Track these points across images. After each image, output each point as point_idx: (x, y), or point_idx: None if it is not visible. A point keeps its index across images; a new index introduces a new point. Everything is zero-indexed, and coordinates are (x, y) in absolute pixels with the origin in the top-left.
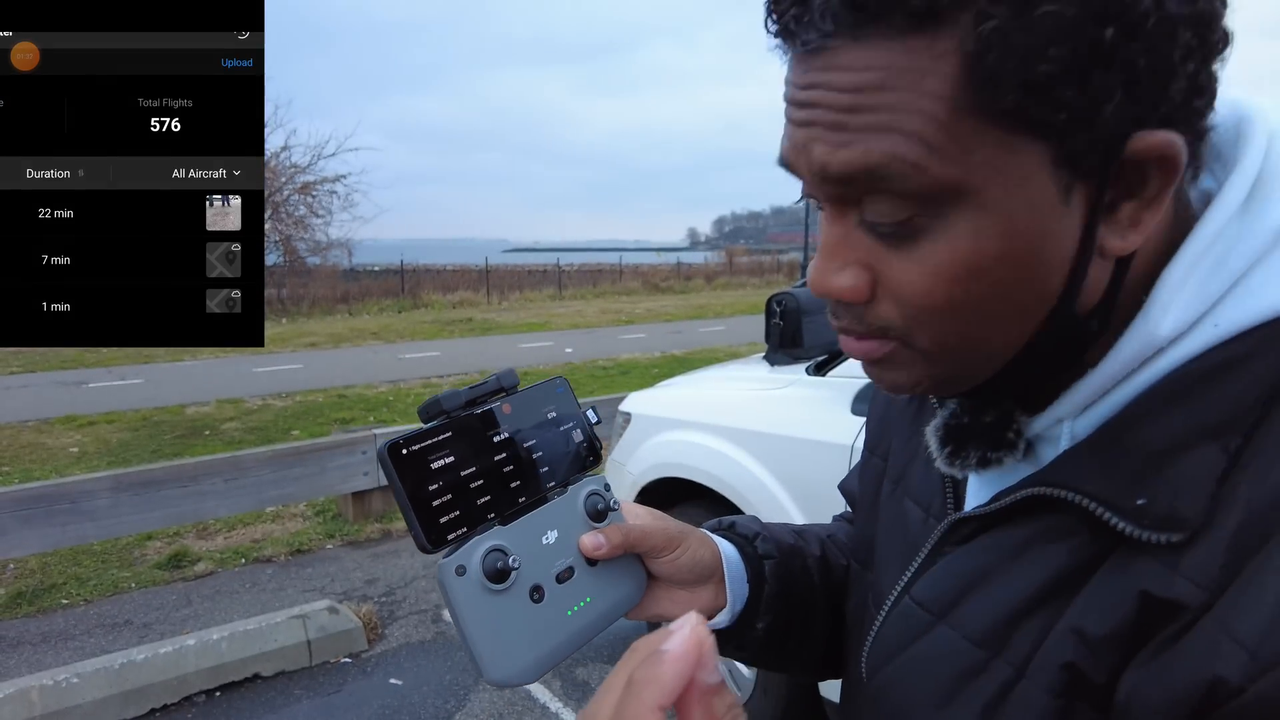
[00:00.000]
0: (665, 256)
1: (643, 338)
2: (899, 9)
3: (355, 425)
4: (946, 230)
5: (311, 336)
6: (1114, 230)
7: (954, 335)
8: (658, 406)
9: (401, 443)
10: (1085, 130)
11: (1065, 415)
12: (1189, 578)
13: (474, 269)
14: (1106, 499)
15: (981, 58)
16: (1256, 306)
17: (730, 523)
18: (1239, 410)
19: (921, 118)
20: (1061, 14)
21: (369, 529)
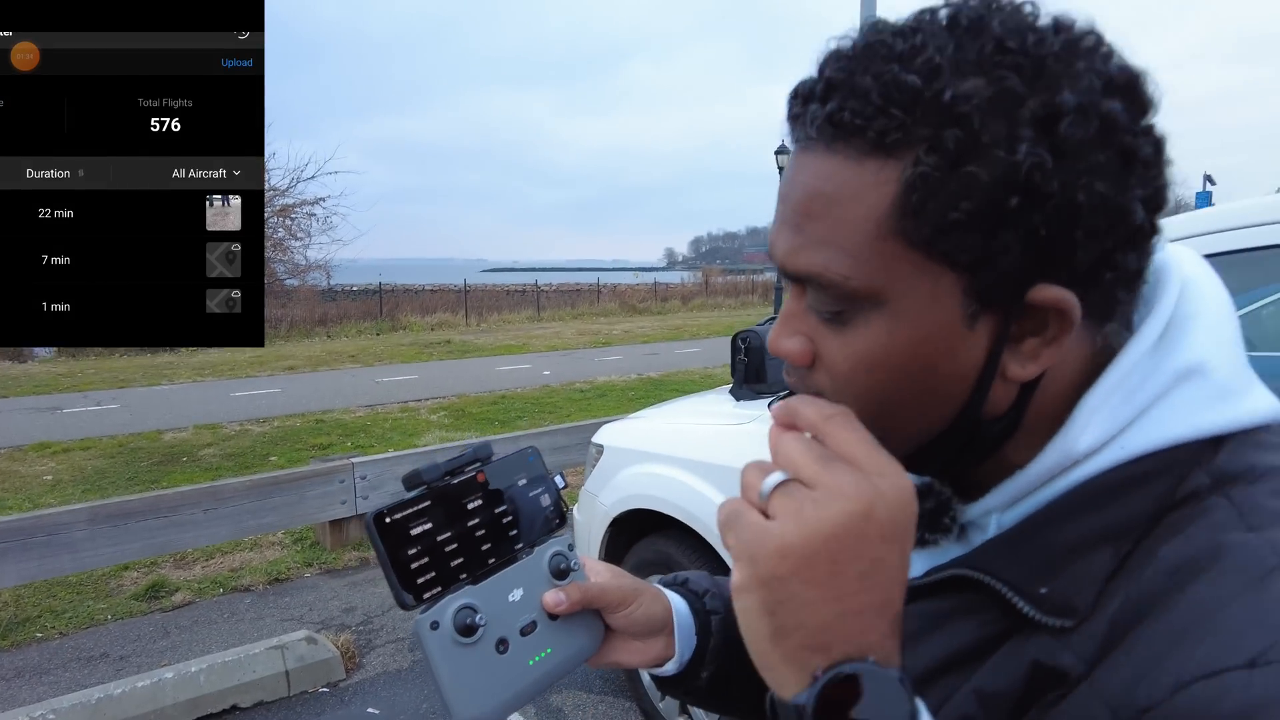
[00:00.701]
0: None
1: (620, 359)
2: (862, 134)
3: (333, 451)
4: (868, 326)
5: (290, 360)
6: (1016, 358)
7: (869, 412)
8: (629, 439)
9: (385, 512)
10: (987, 272)
11: (994, 508)
12: (1074, 652)
13: (452, 289)
14: (1016, 585)
15: (910, 193)
16: (1157, 435)
17: (684, 578)
18: (1133, 522)
19: (855, 232)
20: (977, 176)
21: (346, 557)
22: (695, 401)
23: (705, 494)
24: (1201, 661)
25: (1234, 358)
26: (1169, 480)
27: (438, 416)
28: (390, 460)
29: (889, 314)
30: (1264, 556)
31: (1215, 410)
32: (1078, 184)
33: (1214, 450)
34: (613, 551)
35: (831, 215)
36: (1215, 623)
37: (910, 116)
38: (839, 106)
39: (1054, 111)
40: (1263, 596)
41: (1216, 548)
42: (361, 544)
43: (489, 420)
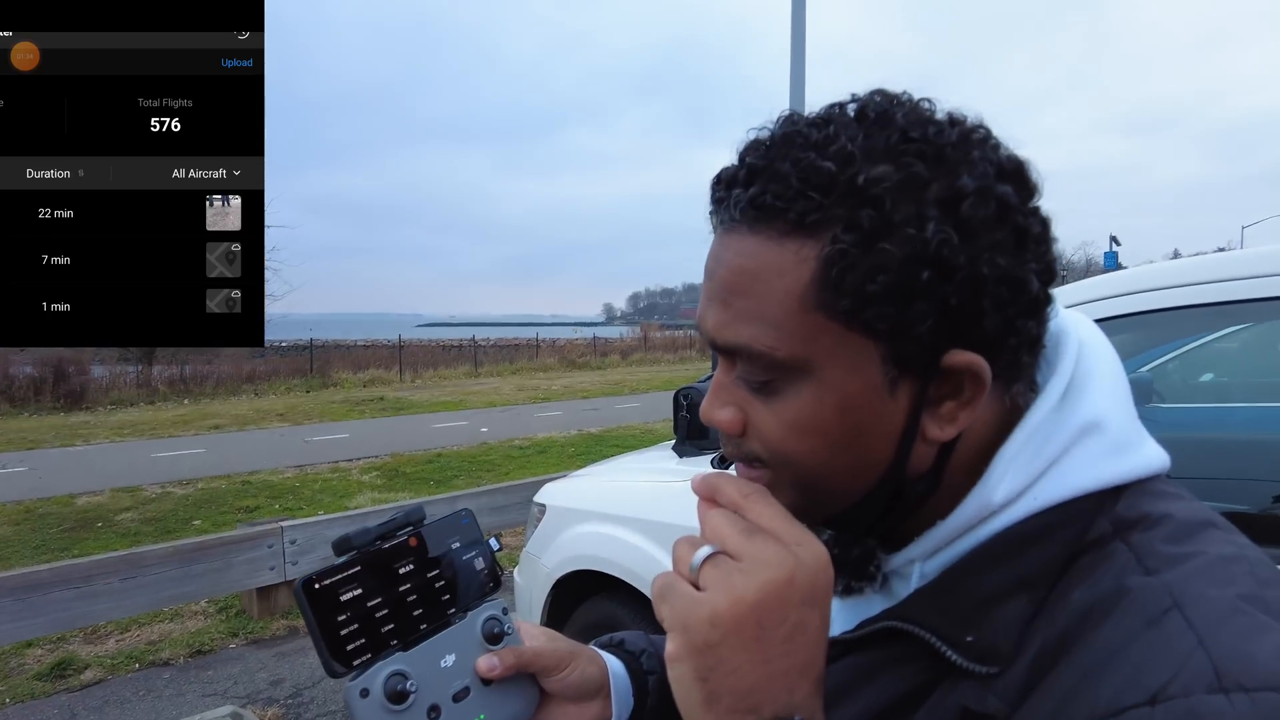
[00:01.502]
0: (582, 331)
1: (559, 415)
2: (783, 215)
3: (260, 514)
4: (795, 395)
5: (215, 418)
6: (935, 420)
7: (802, 475)
8: (572, 498)
9: (314, 579)
10: (904, 340)
11: (917, 557)
12: (998, 696)
13: (387, 345)
14: (944, 635)
15: (830, 268)
16: (1065, 486)
17: (620, 639)
18: (1047, 569)
19: (779, 306)
20: (891, 252)
21: (275, 626)
22: (638, 458)
23: (651, 553)
24: (1108, 701)
25: (1127, 414)
26: (1076, 528)
27: (370, 477)
28: (321, 523)
29: (815, 382)
30: (1160, 598)
31: (1113, 462)
32: (981, 258)
33: (1114, 499)
34: (556, 615)
35: (756, 291)
36: (1118, 663)
37: (827, 198)
38: (761, 190)
39: (956, 194)
40: (1159, 636)
41: (1118, 591)
42: (291, 612)
43: (424, 480)
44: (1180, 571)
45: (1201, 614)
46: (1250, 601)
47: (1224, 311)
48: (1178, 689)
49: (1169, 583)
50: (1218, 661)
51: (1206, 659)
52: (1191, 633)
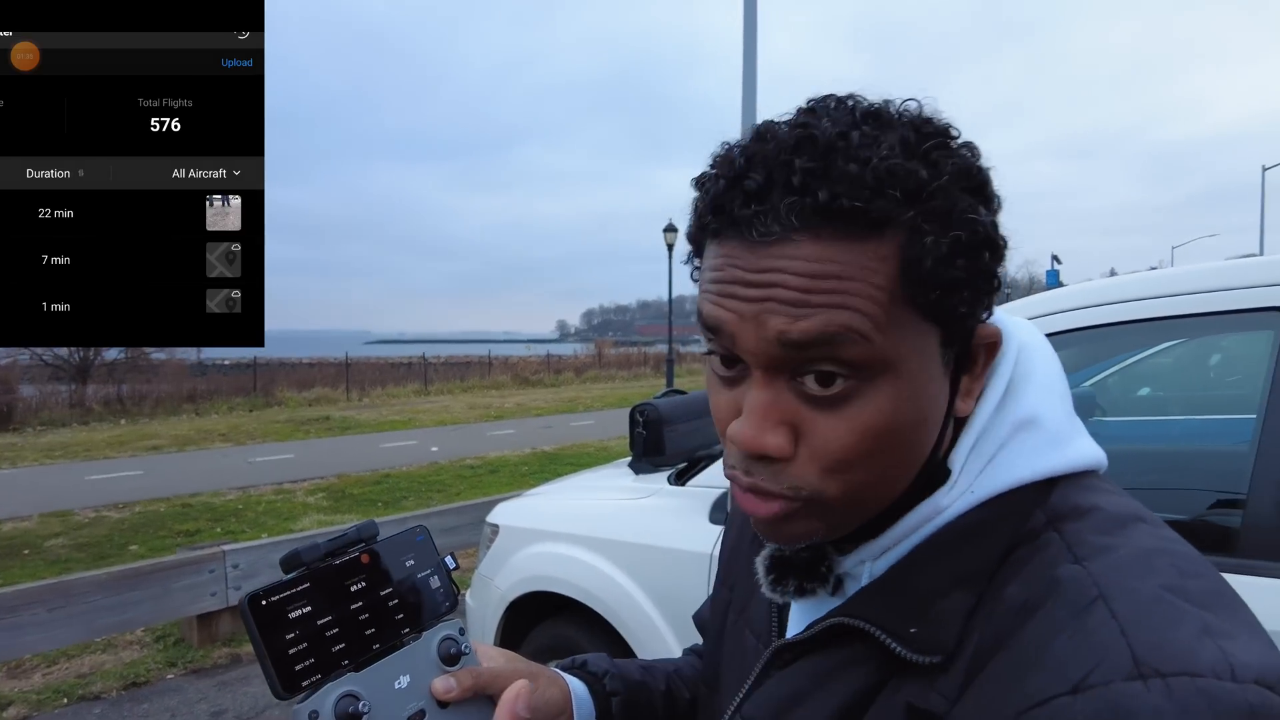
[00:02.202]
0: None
1: (512, 433)
2: (860, 218)
3: (201, 538)
4: (874, 394)
5: (154, 439)
6: (960, 396)
7: (861, 486)
8: (526, 517)
9: (261, 594)
10: (967, 321)
11: (867, 558)
12: (940, 692)
13: (333, 362)
14: (888, 628)
15: (916, 261)
16: (1000, 479)
17: (582, 661)
18: (985, 561)
19: (870, 302)
20: (960, 238)
21: (216, 655)
22: (593, 476)
23: (608, 573)
24: (1035, 692)
25: (1062, 411)
26: (1012, 521)
27: (316, 498)
28: (265, 547)
29: (895, 377)
30: (1086, 590)
31: (1048, 455)
32: (1001, 235)
33: (1048, 492)
34: (510, 638)
35: (841, 290)
36: (1046, 655)
37: (902, 195)
38: (833, 194)
39: (982, 179)
40: (1084, 626)
41: (1050, 583)
42: (234, 639)
43: (372, 501)
44: (1106, 561)
45: (1124, 605)
46: (1172, 591)
47: (1158, 327)
48: (1098, 677)
49: (1095, 573)
50: (1137, 650)
51: (1126, 648)
52: (1114, 623)
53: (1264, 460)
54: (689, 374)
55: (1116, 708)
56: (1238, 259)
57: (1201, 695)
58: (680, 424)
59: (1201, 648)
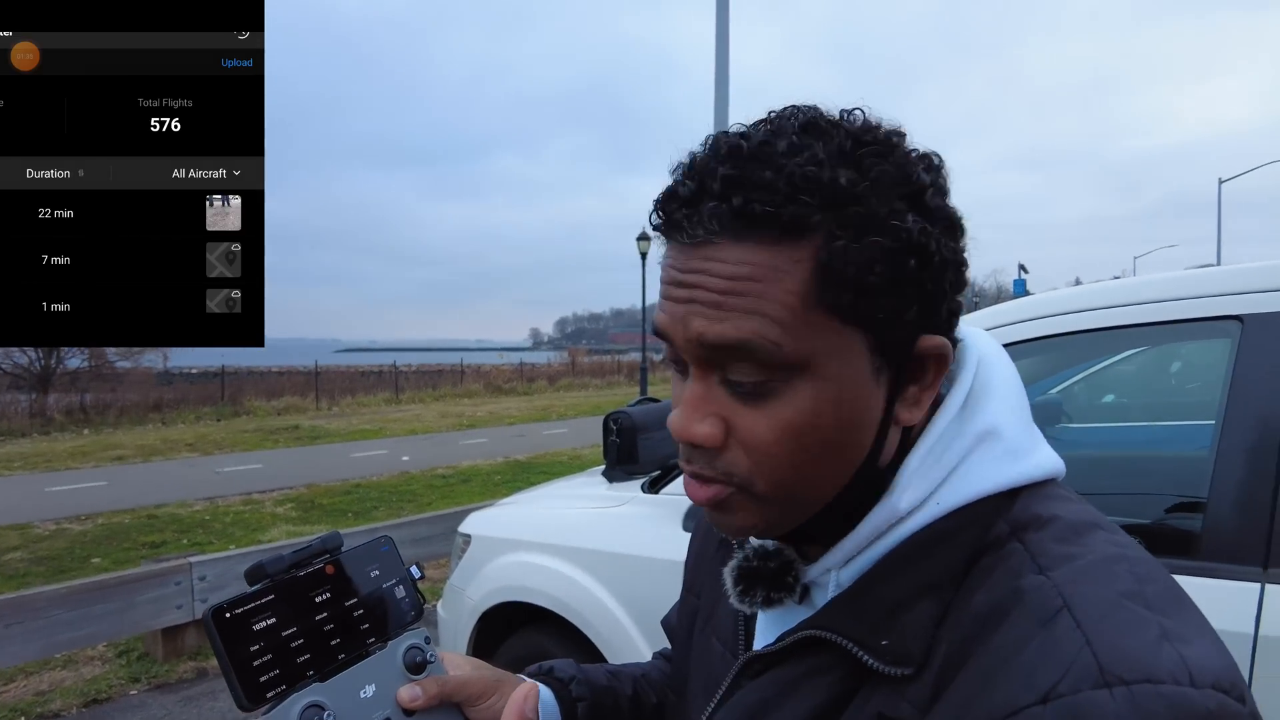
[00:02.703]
0: (508, 357)
1: (484, 442)
2: (773, 223)
3: (167, 550)
4: (793, 394)
5: (118, 449)
6: (904, 405)
7: (789, 480)
8: (498, 527)
9: (225, 607)
10: (893, 328)
11: (832, 565)
12: (910, 702)
13: (302, 371)
14: (860, 640)
15: (829, 266)
16: (964, 491)
17: (549, 667)
18: (950, 572)
19: (781, 306)
20: (882, 244)
21: (181, 669)
22: (567, 485)
23: (581, 582)
24: (1002, 702)
25: (1021, 422)
26: (976, 531)
27: (285, 509)
28: (232, 558)
29: (814, 378)
30: (1051, 599)
31: (1009, 467)
32: (942, 245)
33: (1010, 502)
34: (482, 649)
35: (754, 294)
36: (1014, 665)
37: (817, 201)
38: (746, 200)
39: (918, 188)
40: (1051, 636)
41: (1015, 592)
42: (200, 653)
43: (342, 512)
44: (1068, 571)
45: (1088, 613)
46: (1131, 598)
47: (1121, 335)
48: (1066, 687)
49: (1058, 583)
50: (1101, 658)
51: (1091, 656)
52: (1079, 632)
53: (1223, 465)
54: (663, 382)
55: (1083, 716)
56: (1196, 269)
57: (1162, 701)
58: (654, 432)
59: (1161, 654)
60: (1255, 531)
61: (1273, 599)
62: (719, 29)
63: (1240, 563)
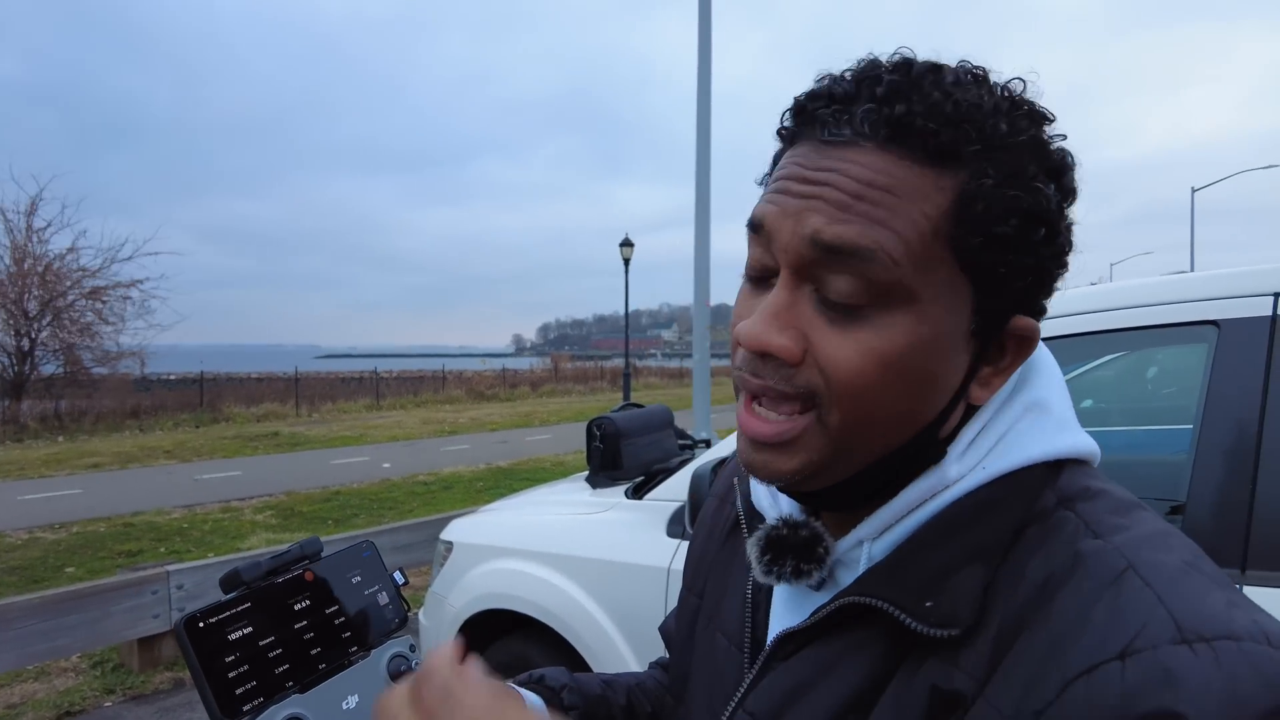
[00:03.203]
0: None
1: (467, 449)
2: (931, 138)
3: (144, 559)
4: (889, 324)
5: (95, 456)
6: (977, 383)
7: (862, 416)
8: (480, 534)
9: (198, 616)
10: (999, 294)
11: (866, 537)
12: (966, 672)
13: (282, 377)
14: (902, 604)
15: (969, 203)
16: (1011, 458)
17: (540, 675)
18: (998, 538)
19: (912, 227)
20: (1020, 201)
21: (158, 679)
22: (550, 491)
23: (564, 589)
24: (1079, 661)
25: (1066, 401)
26: (1023, 499)
27: (264, 516)
28: (210, 567)
29: (915, 314)
30: (1114, 561)
31: (1057, 437)
32: (1066, 232)
33: (1055, 475)
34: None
35: (888, 206)
36: (1084, 625)
37: (976, 135)
38: (908, 110)
39: (1061, 165)
40: (1120, 595)
41: (1074, 557)
42: (176, 663)
43: (322, 519)
44: (1127, 537)
45: (1155, 575)
46: (1193, 567)
47: (1100, 340)
48: (1143, 642)
49: (1120, 546)
50: (1177, 616)
51: (1167, 614)
52: (1150, 591)
53: (1201, 468)
54: (646, 388)
55: (1167, 671)
56: (1172, 275)
57: (1246, 658)
58: (637, 438)
59: (1236, 615)
60: (1233, 534)
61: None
62: (701, 37)
63: (1219, 564)
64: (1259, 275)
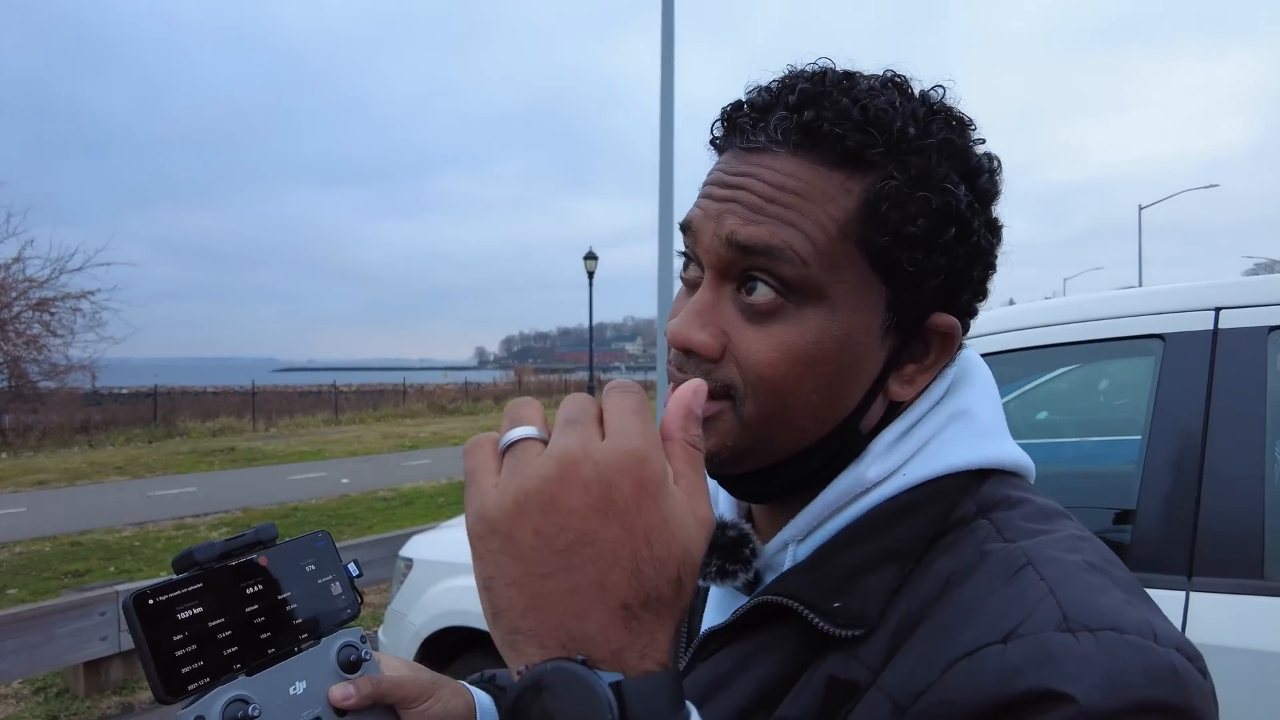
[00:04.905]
0: (452, 376)
1: (428, 464)
2: (839, 143)
3: (92, 579)
4: (801, 321)
5: (41, 473)
6: (898, 379)
7: (776, 409)
8: (441, 550)
9: (149, 593)
10: (914, 289)
11: (791, 539)
12: (863, 663)
13: (238, 391)
14: (812, 604)
15: (876, 204)
16: (933, 464)
17: (491, 675)
18: (913, 543)
19: (820, 228)
20: (930, 201)
21: (104, 705)
22: None
23: None
24: (964, 644)
25: (994, 412)
26: (942, 506)
27: (220, 533)
28: None
29: (826, 311)
30: (1015, 558)
31: (979, 445)
32: (982, 232)
33: (978, 483)
34: None
35: (797, 208)
36: (976, 614)
37: (883, 138)
38: (817, 117)
39: (975, 167)
40: (1015, 586)
41: (978, 556)
42: (125, 687)
43: (279, 536)
44: (1035, 541)
45: (1053, 571)
46: (1096, 570)
47: (1054, 354)
48: (1027, 628)
49: (1025, 548)
50: (1066, 607)
51: (1055, 604)
52: (1043, 584)
53: (1149, 478)
54: None
55: (1048, 652)
56: (1120, 290)
57: (1130, 649)
58: None
59: (1127, 612)
60: (1179, 542)
61: (1197, 606)
62: (664, 56)
63: (1167, 572)
64: (1200, 291)
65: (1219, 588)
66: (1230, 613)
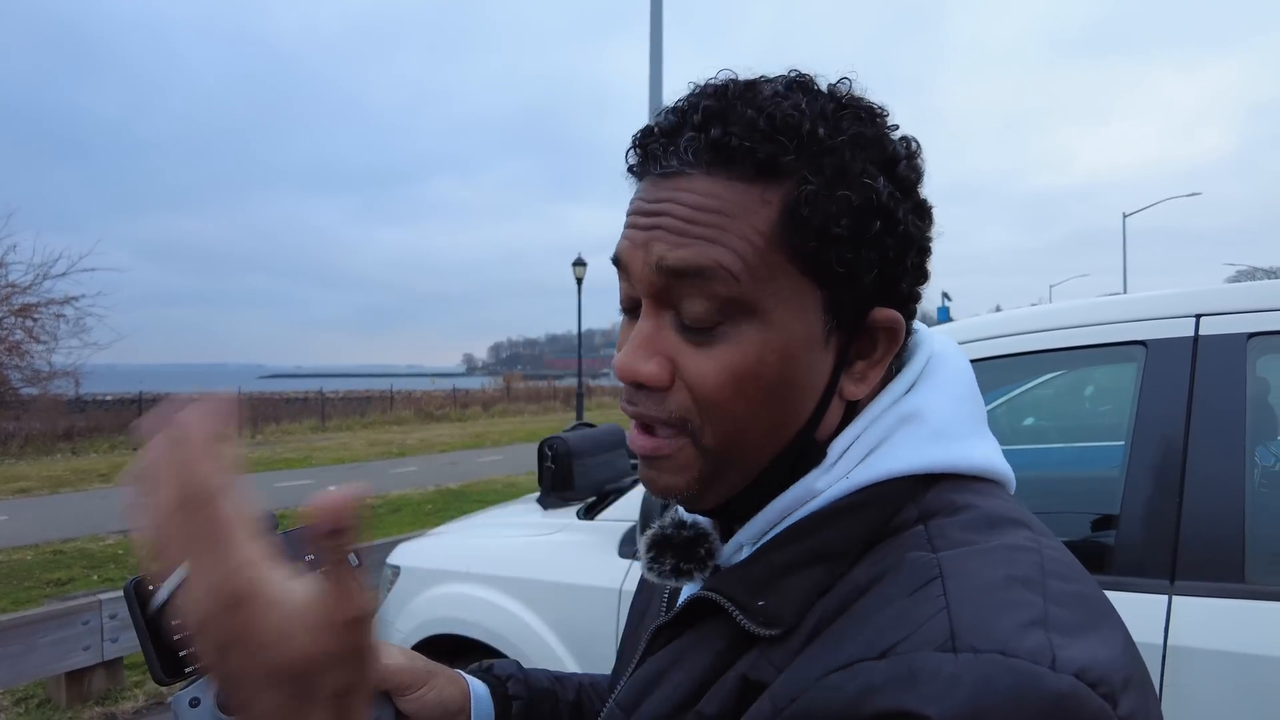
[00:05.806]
0: (440, 382)
1: (415, 471)
2: (748, 159)
3: (75, 588)
4: (741, 338)
5: (22, 481)
6: (850, 378)
7: (731, 432)
8: (428, 558)
9: (148, 579)
10: (849, 288)
11: (745, 542)
12: (771, 663)
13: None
14: (738, 600)
15: (797, 210)
16: (876, 468)
17: (488, 665)
18: (846, 545)
19: (745, 241)
20: (850, 199)
21: (87, 715)
22: (500, 513)
23: (514, 611)
24: (843, 656)
25: (956, 410)
26: (883, 510)
27: None
28: None
29: (763, 325)
30: (928, 569)
31: (928, 449)
32: (909, 219)
33: (925, 489)
34: None
35: (720, 226)
36: (866, 625)
37: (794, 144)
38: (724, 134)
39: (891, 157)
40: (914, 600)
41: (895, 565)
42: (108, 696)
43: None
44: (958, 552)
45: (960, 586)
46: (1023, 584)
47: (1040, 360)
48: (907, 646)
49: (942, 559)
50: (956, 625)
51: (946, 622)
52: (942, 599)
53: (1132, 483)
54: (599, 407)
55: (913, 671)
56: (1104, 297)
57: (1008, 672)
58: (590, 458)
59: (1027, 634)
60: (1161, 547)
61: (1179, 611)
62: (652, 64)
63: (1149, 576)
64: (1182, 298)
65: (1201, 591)
66: (1212, 616)
